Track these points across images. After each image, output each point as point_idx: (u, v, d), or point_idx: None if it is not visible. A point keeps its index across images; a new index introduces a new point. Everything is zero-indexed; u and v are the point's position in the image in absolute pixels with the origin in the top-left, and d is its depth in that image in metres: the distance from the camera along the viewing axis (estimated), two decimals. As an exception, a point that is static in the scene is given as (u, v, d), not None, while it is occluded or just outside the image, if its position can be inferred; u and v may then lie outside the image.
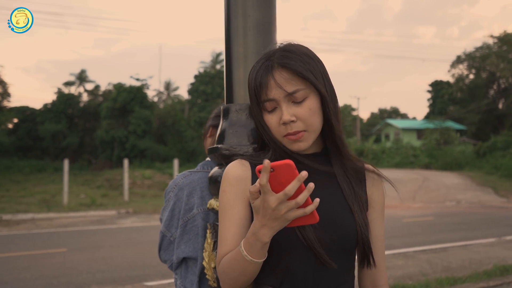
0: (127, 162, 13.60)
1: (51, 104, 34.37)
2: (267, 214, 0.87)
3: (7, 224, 9.83)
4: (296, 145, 1.02)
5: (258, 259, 0.93)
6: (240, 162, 1.07)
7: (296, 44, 1.08)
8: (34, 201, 13.77)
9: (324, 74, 1.07)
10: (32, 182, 21.42)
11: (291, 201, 0.85)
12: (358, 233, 1.02)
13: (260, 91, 1.01)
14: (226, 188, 1.04)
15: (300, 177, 0.84)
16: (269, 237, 0.90)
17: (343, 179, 1.07)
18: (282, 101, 1.00)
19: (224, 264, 1.00)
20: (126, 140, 29.49)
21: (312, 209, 0.88)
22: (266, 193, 0.85)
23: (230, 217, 1.03)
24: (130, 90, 29.77)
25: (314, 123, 1.02)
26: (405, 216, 10.86)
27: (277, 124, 1.01)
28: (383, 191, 1.15)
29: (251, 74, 1.04)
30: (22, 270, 5.83)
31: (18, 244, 7.67)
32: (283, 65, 1.00)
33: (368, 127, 50.07)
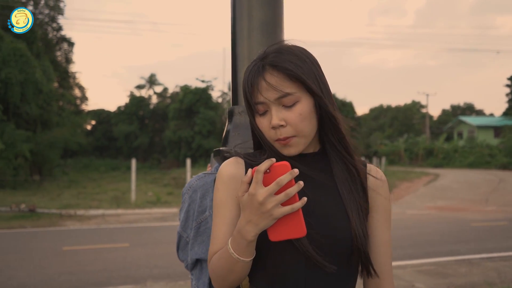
0: (190, 161, 14.07)
1: (124, 107, 36.52)
2: (253, 209, 0.87)
3: (80, 219, 10.61)
4: (286, 150, 1.00)
5: (244, 257, 0.92)
6: (235, 160, 1.06)
7: (292, 44, 1.04)
8: (106, 198, 14.70)
9: (319, 75, 1.02)
10: (107, 180, 22.90)
11: (279, 194, 0.85)
12: (353, 240, 0.97)
13: (251, 93, 0.99)
14: (219, 186, 1.04)
15: (292, 172, 0.85)
16: (254, 235, 0.89)
17: (342, 181, 1.02)
18: (272, 105, 0.97)
19: (213, 262, 1.00)
20: (192, 140, 30.56)
21: (299, 206, 0.87)
22: (256, 185, 0.86)
23: (221, 216, 1.02)
24: (195, 92, 30.79)
25: (305, 128, 0.98)
26: (474, 220, 10.15)
27: (267, 128, 0.99)
28: (387, 195, 1.08)
29: (244, 75, 1.02)
30: (88, 262, 6.25)
31: (87, 238, 8.24)
32: (274, 66, 0.97)
33: (438, 125, 47.35)
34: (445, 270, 5.82)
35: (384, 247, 1.06)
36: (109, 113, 37.39)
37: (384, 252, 1.06)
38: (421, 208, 12.50)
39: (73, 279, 5.42)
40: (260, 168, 0.86)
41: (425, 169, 27.50)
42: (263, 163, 0.87)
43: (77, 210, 11.54)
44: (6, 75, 20.20)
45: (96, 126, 37.08)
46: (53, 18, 26.85)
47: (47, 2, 25.89)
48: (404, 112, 47.17)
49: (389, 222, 1.08)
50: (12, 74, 20.28)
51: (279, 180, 0.85)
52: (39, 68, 21.94)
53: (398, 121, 46.45)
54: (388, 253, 1.07)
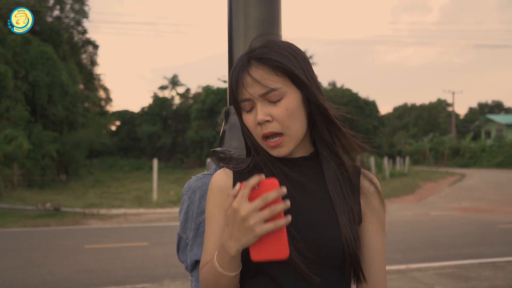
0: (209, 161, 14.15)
1: (148, 108, 37.09)
2: (236, 223, 0.85)
3: (102, 218, 10.81)
4: (276, 151, 0.96)
5: (228, 272, 0.91)
6: (224, 171, 1.05)
7: (280, 40, 1.01)
8: (129, 197, 14.95)
9: (306, 68, 0.98)
10: (130, 180, 23.31)
11: (263, 211, 0.83)
12: (345, 247, 0.94)
13: (237, 90, 0.96)
14: (209, 197, 1.03)
15: (280, 190, 0.83)
16: (236, 251, 0.87)
17: (333, 186, 0.99)
18: (257, 100, 0.94)
19: (203, 274, 0.99)
20: (214, 140, 30.74)
21: (282, 224, 0.84)
22: (241, 199, 0.84)
23: (211, 227, 1.02)
24: (217, 92, 30.98)
25: (292, 125, 0.94)
26: (501, 221, 9.83)
27: (254, 125, 0.96)
28: (380, 201, 1.04)
29: (230, 71, 0.99)
30: (108, 260, 6.36)
31: (108, 237, 8.39)
32: (259, 58, 0.94)
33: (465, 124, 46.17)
34: (467, 273, 5.65)
35: (377, 255, 1.02)
36: (133, 114, 38.04)
37: (377, 260, 1.02)
38: (445, 209, 12.20)
39: (93, 277, 5.52)
40: (248, 183, 0.84)
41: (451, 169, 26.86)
42: (251, 178, 0.85)
43: (100, 209, 11.77)
44: (34, 77, 20.80)
45: (120, 126, 37.79)
46: (78, 21, 27.50)
47: (73, 6, 26.52)
48: (429, 111, 46.20)
49: (383, 230, 1.04)
50: (40, 76, 20.87)
51: (265, 197, 0.83)
52: (65, 71, 22.52)
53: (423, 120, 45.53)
54: (381, 261, 1.03)
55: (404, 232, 8.59)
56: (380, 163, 24.02)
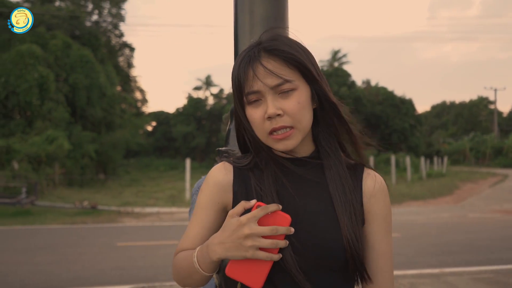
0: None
1: (182, 108, 37.72)
2: (234, 236, 0.84)
3: (136, 216, 11.08)
4: (283, 144, 0.92)
5: (205, 271, 0.91)
6: (223, 165, 1.02)
7: (287, 35, 0.99)
8: (163, 196, 15.25)
9: (316, 66, 0.97)
10: (165, 179, 23.76)
11: (265, 239, 0.84)
12: (346, 248, 0.90)
13: (244, 82, 0.92)
14: (204, 188, 1.01)
15: (289, 229, 0.85)
16: (218, 257, 0.87)
17: (335, 186, 0.95)
18: (268, 93, 0.90)
19: (177, 259, 0.99)
20: (247, 140, 30.86)
21: (274, 259, 0.86)
22: (252, 218, 0.84)
23: (198, 217, 1.00)
24: (250, 92, 31.06)
25: (303, 119, 0.92)
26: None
27: (261, 120, 0.91)
28: (385, 201, 0.99)
29: (235, 64, 0.95)
30: (139, 258, 6.50)
31: (140, 235, 8.58)
32: (270, 50, 0.91)
33: (508, 122, 44.14)
34: (505, 279, 5.38)
35: (383, 258, 0.97)
36: (168, 114, 38.79)
37: (383, 264, 0.97)
38: (485, 211, 11.70)
39: (124, 274, 5.65)
40: (266, 207, 0.85)
41: (493, 170, 25.76)
42: (270, 205, 0.86)
43: (134, 208, 12.07)
44: (74, 80, 21.60)
45: (156, 127, 38.62)
46: (116, 25, 28.34)
47: (110, 11, 27.35)
48: (469, 109, 44.52)
49: (388, 232, 0.99)
50: (79, 79, 21.65)
51: (275, 229, 0.84)
52: (103, 73, 23.26)
53: (463, 118, 43.93)
54: (387, 264, 0.98)
55: (439, 235, 8.29)
56: (416, 163, 23.37)
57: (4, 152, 15.86)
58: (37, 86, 19.23)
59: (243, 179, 0.98)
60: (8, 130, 18.93)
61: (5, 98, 18.94)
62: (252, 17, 1.41)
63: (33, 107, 19.29)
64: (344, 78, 30.85)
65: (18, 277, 5.42)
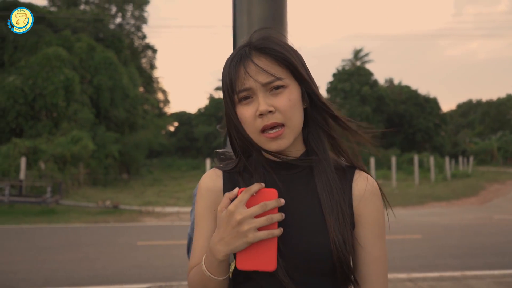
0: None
1: (204, 109, 38.04)
2: (229, 227, 0.84)
3: (157, 216, 11.23)
4: (276, 143, 0.90)
5: (216, 276, 0.90)
6: (214, 172, 1.03)
7: (280, 36, 1.00)
8: (184, 196, 15.40)
9: (306, 67, 0.97)
10: (187, 179, 24.00)
11: (259, 218, 0.82)
12: (333, 251, 0.89)
13: (236, 80, 0.91)
14: (198, 199, 1.02)
15: (279, 200, 0.84)
16: (224, 255, 0.86)
17: (323, 188, 0.94)
18: (259, 90, 0.90)
19: (191, 277, 0.98)
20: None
21: (277, 233, 0.84)
22: (239, 203, 0.83)
23: (200, 229, 1.00)
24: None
25: (294, 116, 0.91)
26: None
27: (252, 117, 0.90)
28: (377, 204, 0.96)
29: (225, 64, 0.94)
30: (157, 258, 6.58)
31: (160, 234, 8.69)
32: (262, 49, 0.91)
33: (539, 121, 42.70)
34: (530, 283, 5.20)
35: (374, 263, 0.95)
36: (190, 115, 39.20)
37: (374, 268, 0.95)
38: (511, 213, 11.35)
39: (142, 273, 5.74)
40: (248, 189, 0.84)
41: (522, 170, 24.94)
42: (252, 186, 0.85)
43: (155, 207, 12.23)
44: (98, 81, 22.08)
45: (178, 127, 39.08)
46: (139, 27, 28.81)
47: (133, 13, 27.82)
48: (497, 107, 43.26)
49: (381, 236, 0.97)
50: (103, 81, 22.12)
51: (264, 204, 0.82)
52: (126, 75, 23.70)
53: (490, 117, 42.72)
54: (379, 270, 0.95)
55: (461, 237, 8.09)
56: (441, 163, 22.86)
57: (32, 153, 16.32)
58: (63, 88, 19.73)
59: (234, 184, 0.98)
60: (36, 131, 19.49)
61: (32, 100, 19.50)
62: (250, 17, 1.40)
63: (59, 108, 19.80)
64: (366, 77, 30.48)
65: (41, 275, 5.57)
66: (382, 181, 19.89)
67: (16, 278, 5.43)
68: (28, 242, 7.98)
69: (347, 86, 30.21)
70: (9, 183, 12.96)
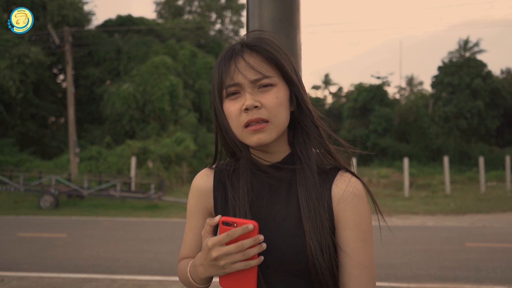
0: (355, 161, 13.83)
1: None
2: (207, 259, 0.87)
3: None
4: (257, 137, 0.91)
5: (199, 284, 0.96)
6: (205, 171, 1.07)
7: (272, 37, 1.01)
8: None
9: (296, 70, 0.99)
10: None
11: (235, 254, 0.84)
12: (308, 255, 0.89)
13: (225, 75, 0.93)
14: (190, 197, 1.08)
15: (257, 238, 0.84)
16: (205, 276, 0.91)
17: (303, 192, 0.94)
18: (247, 86, 0.91)
19: (179, 268, 1.06)
20: (367, 139, 29.85)
21: (254, 264, 0.86)
22: (217, 241, 0.84)
23: (189, 224, 1.07)
24: (370, 89, 30.03)
25: (279, 114, 0.92)
26: None
27: (238, 112, 0.91)
28: (358, 206, 0.93)
29: (218, 59, 0.97)
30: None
31: (249, 231, 8.95)
32: (253, 47, 0.94)
33: None
34: None
35: (357, 268, 0.92)
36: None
37: (357, 274, 0.92)
38: None
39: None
40: (232, 233, 0.83)
41: None
42: (235, 230, 0.83)
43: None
44: (199, 86, 23.49)
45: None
46: (237, 32, 29.95)
47: (231, 19, 29.00)
48: None
49: (364, 240, 0.93)
50: (204, 85, 23.47)
51: (242, 244, 0.82)
52: (225, 78, 24.79)
53: None
54: (363, 275, 0.92)
55: None
56: None
57: (142, 153, 17.98)
58: (168, 93, 21.37)
59: (223, 185, 1.02)
60: (146, 133, 21.41)
61: (143, 105, 21.45)
62: (260, 20, 1.44)
63: (165, 112, 21.49)
64: (478, 69, 27.77)
65: (138, 263, 6.15)
66: (496, 183, 17.99)
67: (117, 265, 6.06)
68: (131, 234, 8.83)
69: (455, 79, 27.81)
70: (121, 180, 14.44)
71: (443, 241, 7.87)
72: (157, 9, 31.09)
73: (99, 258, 6.47)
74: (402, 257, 6.50)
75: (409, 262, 6.19)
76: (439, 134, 27.46)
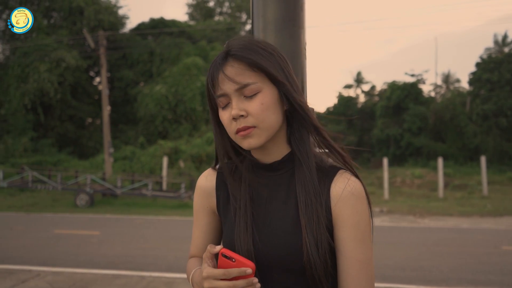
0: (387, 161, 13.62)
1: (333, 107, 37.67)
2: (199, 284, 0.96)
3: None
4: (247, 142, 0.94)
5: None
6: (209, 172, 1.11)
7: (258, 40, 1.04)
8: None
9: (285, 68, 0.99)
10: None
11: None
12: (304, 253, 0.90)
13: (213, 87, 0.97)
14: (195, 196, 1.13)
15: (250, 281, 0.86)
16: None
17: (301, 190, 0.96)
18: (233, 95, 0.94)
19: (187, 267, 1.11)
20: (401, 138, 29.20)
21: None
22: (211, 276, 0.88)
23: (196, 222, 1.12)
24: (404, 87, 29.38)
25: (267, 119, 0.94)
26: None
27: (229, 121, 0.96)
28: (356, 206, 0.94)
29: (208, 69, 1.01)
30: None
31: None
32: (235, 56, 0.96)
33: None
34: None
35: (355, 268, 0.92)
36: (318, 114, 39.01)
37: (355, 274, 0.92)
38: None
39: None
40: (228, 272, 0.86)
41: None
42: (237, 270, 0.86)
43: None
44: (229, 86, 23.66)
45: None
46: (267, 31, 29.94)
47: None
48: None
49: (362, 240, 0.93)
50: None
51: (233, 285, 0.86)
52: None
53: None
54: (361, 275, 0.92)
55: None
56: None
57: (173, 153, 18.32)
58: (200, 94, 21.66)
59: (225, 185, 1.05)
60: (178, 134, 21.79)
61: (175, 106, 21.84)
62: (264, 20, 1.44)
63: (196, 113, 21.79)
64: (519, 64, 26.62)
65: (166, 261, 6.28)
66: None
67: (146, 262, 6.21)
68: (161, 232, 9.02)
69: (495, 76, 26.73)
70: (153, 179, 14.76)
71: (478, 244, 7.60)
72: (188, 11, 31.58)
73: (130, 255, 6.65)
74: (432, 259, 6.33)
75: (440, 265, 6.02)
76: (477, 133, 26.49)
